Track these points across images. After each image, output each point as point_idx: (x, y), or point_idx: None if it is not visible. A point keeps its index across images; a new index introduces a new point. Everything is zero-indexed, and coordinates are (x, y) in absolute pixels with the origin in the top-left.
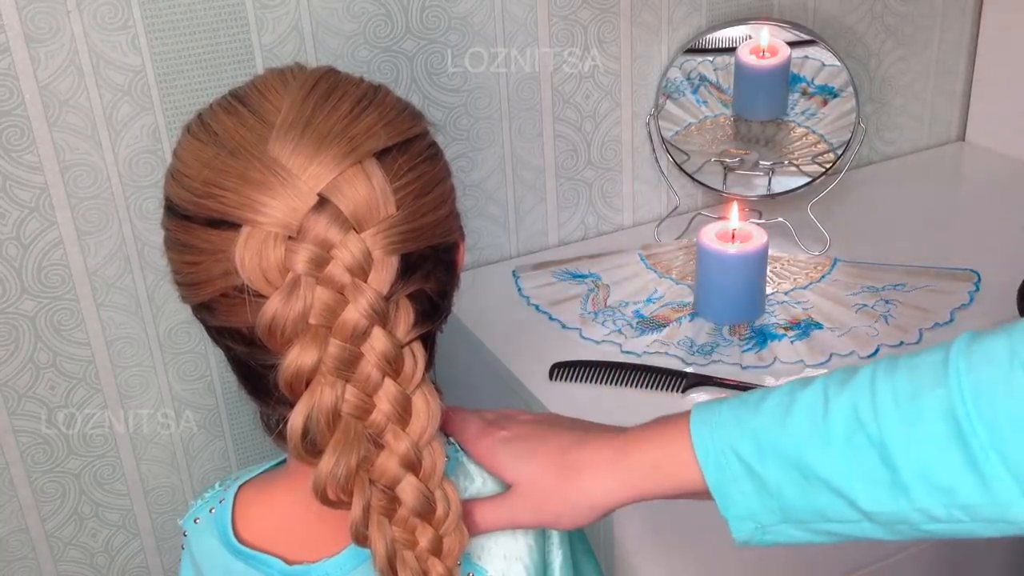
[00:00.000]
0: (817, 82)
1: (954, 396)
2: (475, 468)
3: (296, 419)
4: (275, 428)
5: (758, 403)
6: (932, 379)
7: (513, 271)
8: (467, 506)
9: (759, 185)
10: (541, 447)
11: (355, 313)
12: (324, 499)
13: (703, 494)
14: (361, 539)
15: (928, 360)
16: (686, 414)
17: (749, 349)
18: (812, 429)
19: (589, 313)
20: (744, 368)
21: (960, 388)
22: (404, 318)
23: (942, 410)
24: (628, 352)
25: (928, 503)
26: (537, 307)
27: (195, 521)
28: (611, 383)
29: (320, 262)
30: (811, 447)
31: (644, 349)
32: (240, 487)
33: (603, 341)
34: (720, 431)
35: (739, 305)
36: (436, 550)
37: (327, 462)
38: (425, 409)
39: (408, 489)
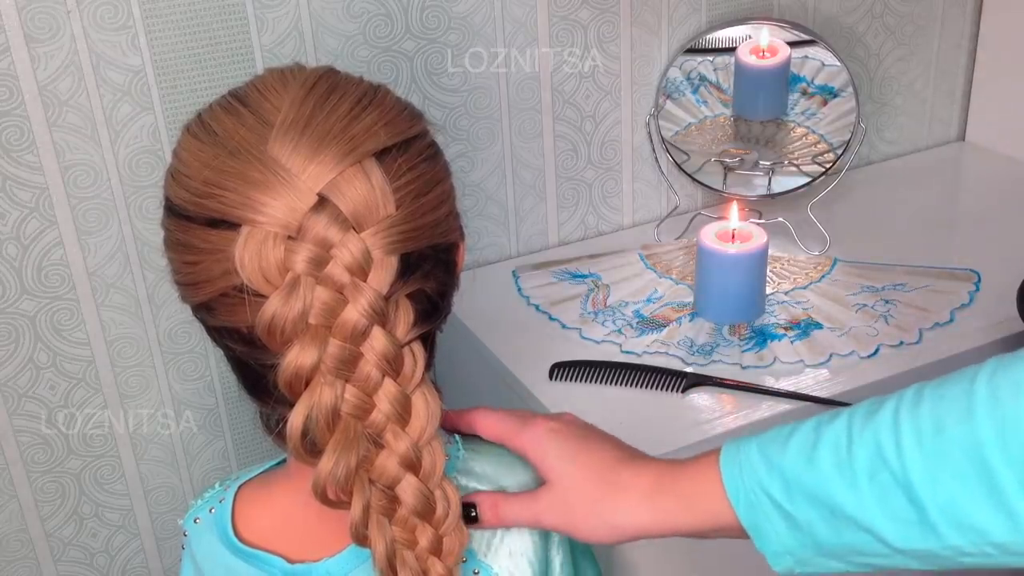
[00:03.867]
0: (817, 82)
1: (979, 431)
2: (479, 468)
3: (296, 419)
4: (275, 428)
5: (786, 439)
6: (957, 412)
7: (513, 271)
8: (492, 497)
9: (759, 185)
10: (590, 454)
11: (355, 313)
12: (324, 499)
13: (737, 530)
14: (361, 539)
15: (953, 391)
16: (717, 451)
17: (749, 349)
18: (837, 467)
19: (589, 313)
20: (744, 368)
21: (985, 423)
22: (404, 318)
23: (967, 446)
24: (628, 352)
25: (958, 541)
26: (537, 307)
27: (195, 521)
28: (611, 383)
29: (320, 262)
30: (837, 486)
31: (644, 349)
32: (240, 487)
33: (603, 341)
34: (749, 471)
35: (739, 305)
36: (436, 550)
37: (327, 462)
38: (425, 409)
39: (408, 489)
